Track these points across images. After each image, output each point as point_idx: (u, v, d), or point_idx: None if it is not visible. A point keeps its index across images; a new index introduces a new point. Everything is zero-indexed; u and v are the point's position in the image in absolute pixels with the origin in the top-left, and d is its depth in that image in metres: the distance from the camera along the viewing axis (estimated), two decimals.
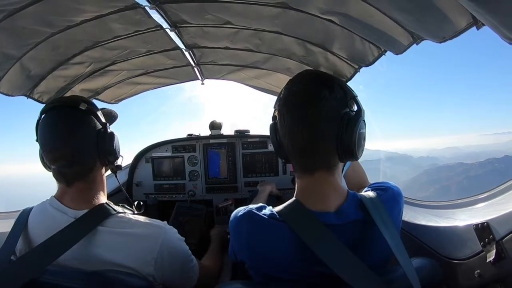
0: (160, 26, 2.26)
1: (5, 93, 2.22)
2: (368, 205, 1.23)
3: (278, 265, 1.22)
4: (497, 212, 1.36)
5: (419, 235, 1.77)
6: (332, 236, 1.14)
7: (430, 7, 1.32)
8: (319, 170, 1.25)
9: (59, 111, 1.45)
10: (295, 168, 1.34)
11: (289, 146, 1.28)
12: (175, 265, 1.44)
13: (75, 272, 1.24)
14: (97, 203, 1.42)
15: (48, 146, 1.42)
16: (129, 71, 3.08)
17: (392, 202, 1.33)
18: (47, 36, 2.01)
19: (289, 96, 1.28)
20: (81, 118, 1.45)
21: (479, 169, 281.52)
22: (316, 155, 1.25)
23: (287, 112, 1.26)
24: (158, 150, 3.66)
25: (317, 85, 1.25)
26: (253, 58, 3.00)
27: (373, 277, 1.08)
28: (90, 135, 1.45)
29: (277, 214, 1.24)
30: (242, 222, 1.29)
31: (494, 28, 1.07)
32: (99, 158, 1.48)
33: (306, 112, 1.21)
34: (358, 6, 1.64)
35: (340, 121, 1.22)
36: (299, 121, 1.23)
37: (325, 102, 1.21)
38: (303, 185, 1.30)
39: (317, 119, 1.21)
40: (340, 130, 1.22)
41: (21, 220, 1.42)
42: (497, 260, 1.27)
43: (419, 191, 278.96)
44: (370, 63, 2.22)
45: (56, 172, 1.43)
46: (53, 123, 1.43)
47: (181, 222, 2.99)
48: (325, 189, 1.25)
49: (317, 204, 1.22)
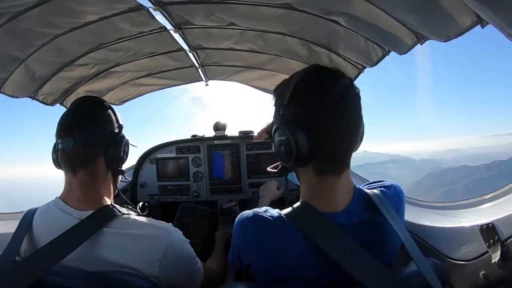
0: (164, 28, 2.27)
1: (10, 94, 2.24)
2: (377, 202, 1.22)
3: (286, 267, 1.20)
4: (502, 212, 1.35)
5: (423, 236, 1.76)
6: (346, 236, 1.13)
7: (434, 7, 1.31)
8: (346, 169, 1.24)
9: (83, 101, 1.59)
10: (320, 170, 1.22)
11: (324, 148, 1.17)
12: (179, 266, 1.44)
13: (80, 273, 1.24)
14: (102, 204, 1.43)
15: (63, 121, 1.48)
16: (133, 73, 3.09)
17: (397, 199, 1.34)
18: (51, 38, 2.02)
19: (325, 90, 1.18)
20: (101, 111, 1.54)
21: (484, 172, 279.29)
22: (350, 154, 1.24)
23: (329, 107, 1.16)
24: (162, 151, 3.67)
25: (347, 80, 1.23)
26: (257, 59, 3.00)
27: (389, 276, 1.07)
28: (103, 128, 1.50)
29: (284, 216, 1.22)
30: (248, 224, 1.28)
31: (499, 26, 1.06)
32: (104, 152, 1.49)
33: (348, 109, 1.18)
34: (362, 6, 1.64)
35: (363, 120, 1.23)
36: (344, 118, 1.17)
37: (359, 100, 1.21)
38: (316, 187, 1.24)
39: (358, 117, 1.20)
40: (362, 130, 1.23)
41: (26, 221, 1.43)
42: (502, 261, 1.26)
43: (425, 194, 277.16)
44: (374, 63, 2.21)
45: (62, 153, 1.46)
46: (74, 108, 1.56)
47: (185, 223, 2.99)
48: (340, 189, 1.23)
49: (326, 204, 1.21)
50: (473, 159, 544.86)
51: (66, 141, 1.43)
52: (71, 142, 1.42)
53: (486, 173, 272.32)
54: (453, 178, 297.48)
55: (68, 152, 1.44)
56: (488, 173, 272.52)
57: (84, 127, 1.45)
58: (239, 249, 1.35)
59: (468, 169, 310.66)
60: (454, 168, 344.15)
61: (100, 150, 1.48)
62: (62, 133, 1.44)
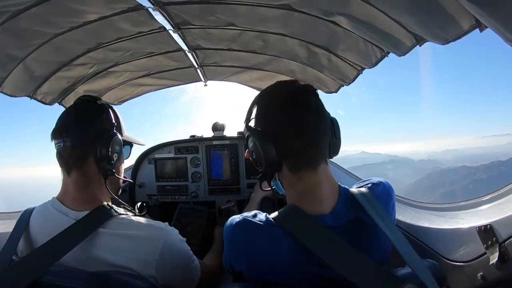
0: (163, 28, 2.27)
1: (9, 94, 2.24)
2: (363, 202, 1.23)
3: (277, 271, 1.21)
4: (500, 214, 1.36)
5: (422, 237, 1.76)
6: (335, 236, 1.13)
7: (433, 9, 1.32)
8: (322, 163, 1.26)
9: (78, 101, 1.57)
10: (294, 168, 1.27)
11: (293, 141, 1.24)
12: (176, 266, 1.44)
13: (78, 273, 1.24)
14: (98, 204, 1.42)
15: (57, 122, 1.48)
16: (132, 73, 3.10)
17: (385, 196, 1.34)
18: (50, 37, 2.02)
19: (285, 95, 1.32)
20: (93, 110, 1.52)
21: (484, 172, 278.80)
22: (322, 148, 1.28)
23: (289, 108, 1.27)
24: (161, 152, 3.65)
25: (296, 84, 1.35)
26: (256, 59, 3.01)
27: (381, 273, 1.07)
28: (92, 127, 1.48)
29: (273, 220, 1.23)
30: (237, 230, 1.29)
31: (497, 30, 1.07)
32: (92, 152, 1.45)
33: (302, 107, 1.26)
34: (361, 8, 1.64)
35: (329, 119, 1.32)
36: (307, 113, 1.25)
37: (317, 99, 1.29)
38: (300, 187, 1.27)
39: (316, 112, 1.27)
40: (331, 126, 1.32)
41: (23, 221, 1.43)
42: (500, 263, 1.26)
43: (424, 195, 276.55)
44: (373, 64, 2.22)
45: (56, 154, 1.47)
46: (69, 108, 1.56)
47: (183, 224, 2.99)
48: (323, 188, 1.25)
49: (313, 206, 1.22)
50: (472, 160, 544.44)
51: (58, 142, 1.43)
52: (61, 143, 1.42)
53: (486, 174, 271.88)
54: (452, 179, 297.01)
55: (61, 153, 1.44)
56: (488, 173, 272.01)
57: (73, 127, 1.45)
58: (230, 255, 1.36)
59: (468, 169, 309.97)
60: (453, 168, 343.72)
61: (89, 150, 1.45)
62: (55, 134, 1.45)
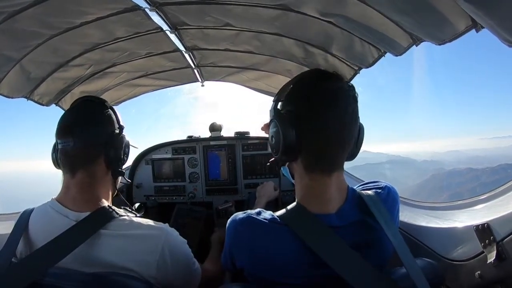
0: (160, 28, 2.26)
1: (5, 95, 2.23)
2: (370, 204, 1.22)
3: (280, 270, 1.20)
4: (497, 213, 1.36)
5: (420, 236, 1.77)
6: (337, 238, 1.13)
7: (429, 9, 1.32)
8: (337, 170, 1.25)
9: (85, 101, 1.56)
10: (309, 168, 1.25)
11: (317, 139, 1.21)
12: (177, 266, 1.43)
13: (77, 275, 1.23)
14: (100, 205, 1.40)
15: (63, 121, 1.47)
16: (129, 73, 3.09)
17: (391, 200, 1.33)
18: (47, 38, 2.01)
19: (317, 91, 1.23)
20: (103, 111, 1.52)
21: (491, 175, 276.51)
22: (342, 155, 1.25)
23: (319, 106, 1.20)
24: (158, 152, 3.65)
25: (343, 83, 1.26)
26: (253, 60, 3.01)
27: (380, 278, 1.07)
28: (104, 128, 1.49)
29: (278, 218, 1.22)
30: (241, 227, 1.28)
31: (493, 30, 1.07)
32: (104, 153, 1.47)
33: (338, 109, 1.20)
34: (358, 7, 1.65)
35: (358, 123, 1.26)
36: (332, 117, 1.19)
37: (353, 102, 1.23)
38: (308, 186, 1.26)
39: (350, 118, 1.22)
40: (357, 135, 1.26)
41: (22, 222, 1.41)
42: (498, 261, 1.27)
43: (429, 198, 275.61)
44: (370, 64, 2.22)
45: (62, 153, 1.44)
46: (76, 108, 1.53)
47: (181, 224, 2.99)
48: (332, 190, 1.23)
49: (319, 206, 1.21)
50: (474, 161, 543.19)
51: (66, 141, 1.41)
52: (71, 142, 1.40)
53: (493, 177, 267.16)
54: (458, 181, 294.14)
55: (68, 152, 1.42)
56: (495, 176, 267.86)
57: (85, 127, 1.44)
58: (232, 252, 1.35)
59: (473, 172, 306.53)
60: (458, 170, 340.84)
61: (100, 151, 1.46)
62: (63, 133, 1.43)
